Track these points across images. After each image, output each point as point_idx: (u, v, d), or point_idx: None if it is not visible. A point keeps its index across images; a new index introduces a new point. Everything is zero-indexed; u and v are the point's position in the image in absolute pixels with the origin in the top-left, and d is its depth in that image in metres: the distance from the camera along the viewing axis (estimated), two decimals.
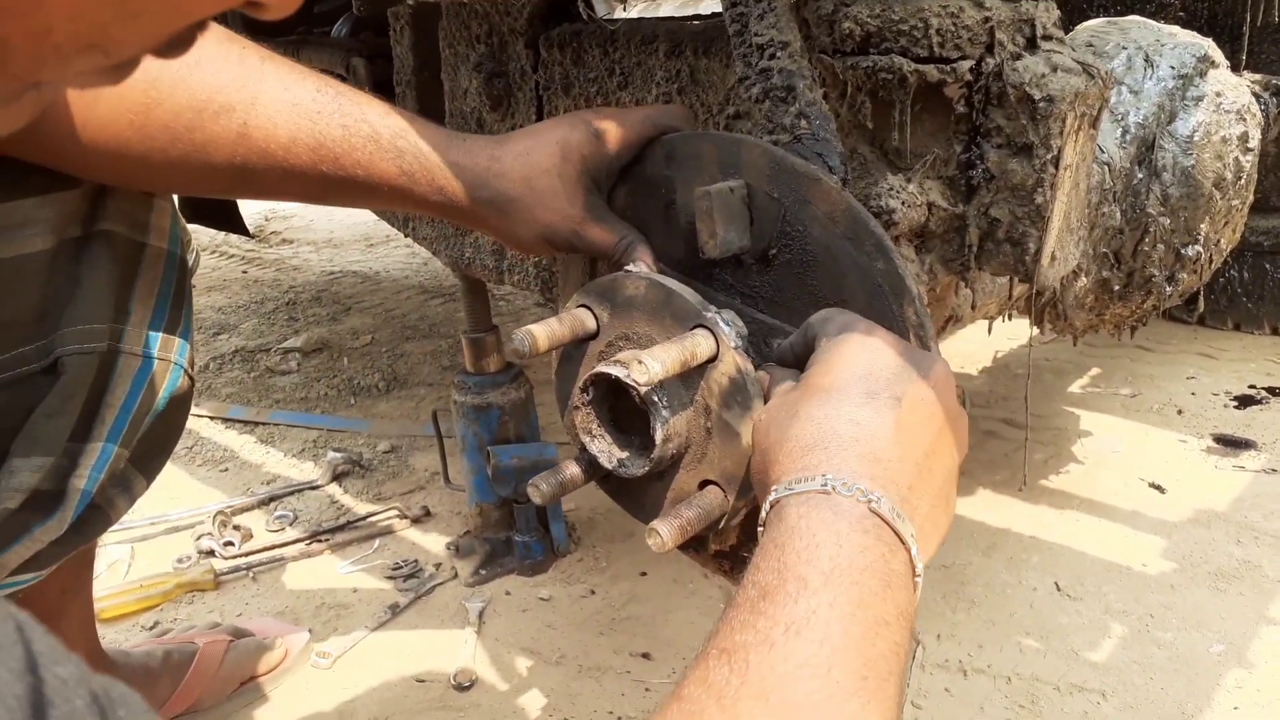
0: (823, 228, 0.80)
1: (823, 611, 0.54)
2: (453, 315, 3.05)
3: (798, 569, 0.57)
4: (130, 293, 0.83)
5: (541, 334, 0.83)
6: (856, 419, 0.64)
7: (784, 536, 0.59)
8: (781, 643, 0.53)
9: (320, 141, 0.83)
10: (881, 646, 0.55)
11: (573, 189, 0.88)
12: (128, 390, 0.83)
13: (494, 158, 0.88)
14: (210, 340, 2.98)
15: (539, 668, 1.47)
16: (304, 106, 0.82)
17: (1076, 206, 0.96)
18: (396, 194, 0.87)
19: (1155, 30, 1.47)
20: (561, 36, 1.28)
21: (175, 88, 0.78)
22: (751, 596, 0.57)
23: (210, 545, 1.81)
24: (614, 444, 0.87)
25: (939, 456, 0.66)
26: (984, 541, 1.68)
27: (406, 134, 0.86)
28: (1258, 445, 1.94)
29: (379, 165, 0.85)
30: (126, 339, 0.82)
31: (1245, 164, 1.44)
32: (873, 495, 0.60)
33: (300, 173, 0.84)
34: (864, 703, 0.52)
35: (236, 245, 4.14)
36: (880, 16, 0.88)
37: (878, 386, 0.66)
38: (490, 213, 0.88)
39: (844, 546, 0.58)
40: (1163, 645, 1.42)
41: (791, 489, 0.61)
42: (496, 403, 1.68)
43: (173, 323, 0.87)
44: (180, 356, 0.88)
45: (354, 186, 0.85)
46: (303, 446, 2.24)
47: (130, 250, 0.84)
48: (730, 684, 0.51)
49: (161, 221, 0.86)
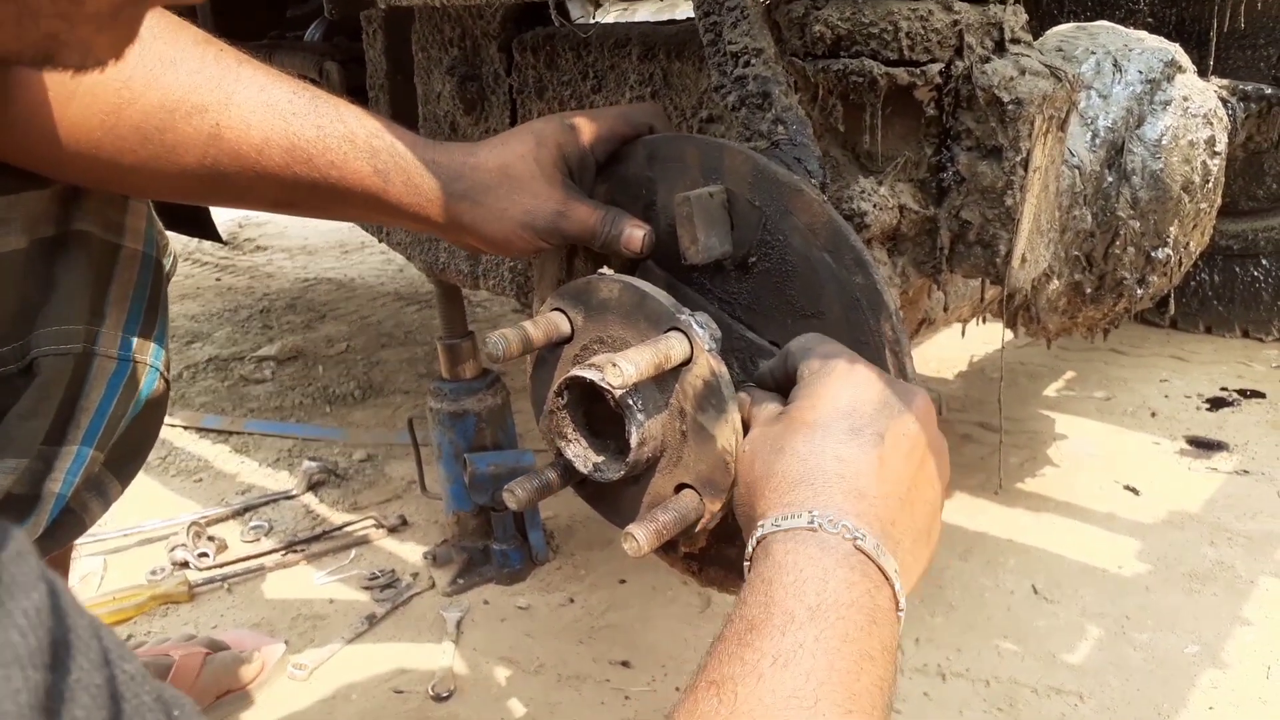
0: (803, 239, 0.80)
1: (809, 645, 0.55)
2: (429, 322, 3.04)
3: (785, 603, 0.58)
4: (105, 295, 0.82)
5: (515, 337, 0.83)
6: (841, 456, 0.65)
7: (771, 572, 0.60)
8: (769, 675, 0.54)
9: (294, 142, 0.82)
10: (866, 681, 0.56)
11: (550, 172, 0.87)
12: (103, 393, 0.82)
13: (469, 152, 0.88)
14: (184, 349, 2.95)
15: (518, 677, 1.46)
16: (279, 107, 0.81)
17: (1046, 208, 0.97)
18: (370, 197, 0.85)
19: (1124, 35, 1.48)
20: (535, 40, 1.28)
21: (148, 87, 0.77)
22: (739, 630, 0.58)
23: (184, 556, 1.79)
24: (589, 448, 0.87)
25: (921, 490, 0.67)
26: (961, 545, 1.69)
27: (382, 134, 0.85)
28: (1230, 447, 1.96)
29: (353, 164, 0.84)
30: (102, 341, 0.81)
31: (1213, 167, 1.45)
32: (858, 532, 0.61)
33: (272, 175, 0.82)
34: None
35: (210, 252, 4.11)
36: (850, 20, 0.89)
37: (861, 423, 0.67)
38: (466, 207, 0.86)
39: (830, 582, 0.59)
40: (1139, 647, 1.43)
41: (779, 525, 0.62)
42: (473, 409, 1.67)
43: (148, 325, 0.86)
44: (156, 359, 0.87)
45: (326, 189, 0.84)
46: (278, 456, 2.22)
47: (105, 251, 0.82)
48: (719, 715, 0.52)
49: (136, 223, 0.85)
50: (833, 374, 0.70)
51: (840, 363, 0.71)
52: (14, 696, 0.28)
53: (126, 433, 0.86)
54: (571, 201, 0.87)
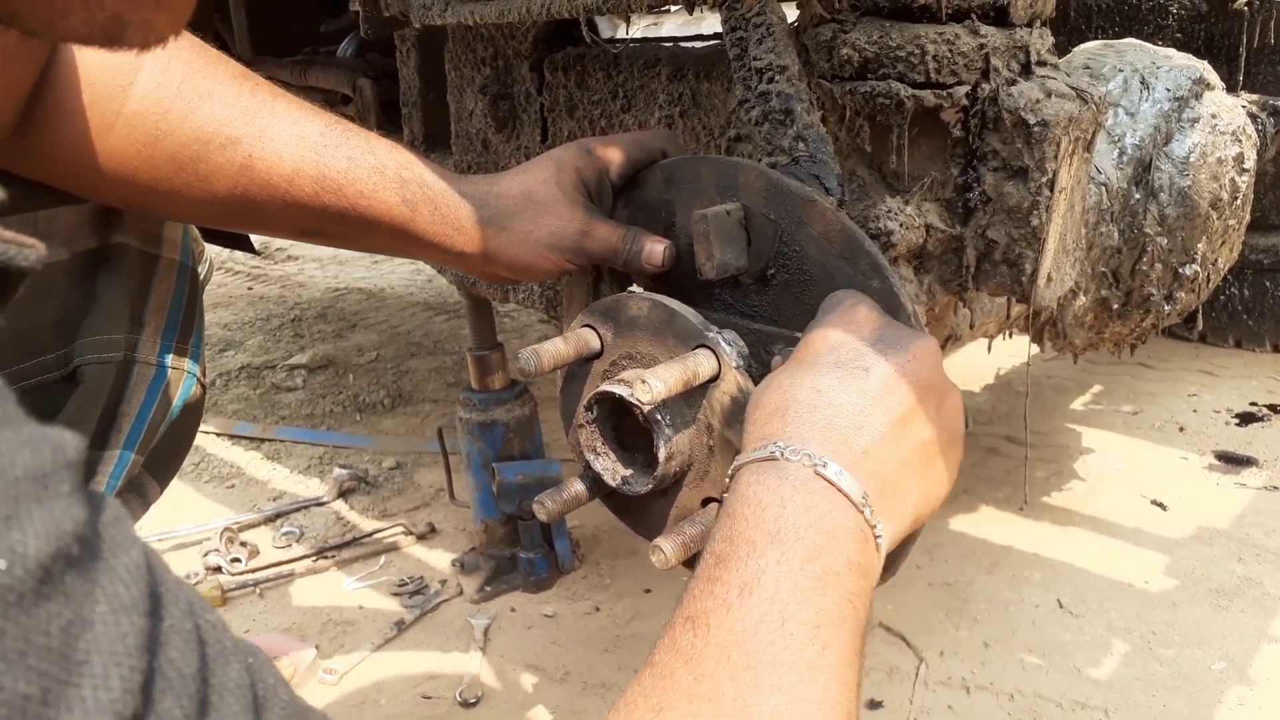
0: (819, 248, 0.81)
1: (771, 570, 0.58)
2: (457, 332, 3.07)
3: (747, 534, 0.60)
4: (145, 304, 0.85)
5: (547, 353, 0.85)
6: (818, 386, 0.66)
7: (735, 505, 0.63)
8: (737, 604, 0.57)
9: (324, 173, 0.84)
10: (832, 596, 0.58)
11: (571, 195, 0.90)
12: (143, 399, 0.85)
13: (492, 182, 0.91)
14: (216, 357, 3.00)
15: (544, 685, 1.48)
16: (311, 139, 0.84)
17: (1072, 228, 0.98)
18: (397, 227, 0.88)
19: (1151, 53, 1.49)
20: (566, 59, 1.31)
21: (184, 120, 0.80)
22: (709, 564, 0.61)
23: (217, 561, 1.82)
24: (618, 462, 0.88)
25: (910, 425, 0.67)
26: (986, 559, 1.69)
27: (411, 166, 0.88)
28: (1259, 462, 1.95)
29: (381, 194, 0.86)
30: (141, 349, 0.84)
31: (1241, 184, 1.45)
32: (818, 460, 0.62)
33: (301, 204, 0.85)
34: (820, 649, 0.55)
35: (242, 262, 4.17)
36: (878, 43, 0.90)
37: (846, 357, 0.68)
38: (492, 233, 0.89)
39: (787, 507, 0.61)
40: (1165, 662, 1.42)
41: (747, 458, 0.65)
42: (501, 419, 1.69)
43: (185, 332, 0.89)
44: (192, 365, 0.90)
45: (354, 218, 0.87)
46: (308, 463, 2.26)
47: (144, 262, 0.86)
48: (695, 646, 0.55)
49: (173, 234, 0.88)
50: (832, 312, 0.73)
51: (845, 303, 0.73)
52: (122, 639, 0.32)
53: (165, 436, 0.89)
54: (594, 222, 0.90)
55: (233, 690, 0.37)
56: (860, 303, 0.73)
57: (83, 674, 0.30)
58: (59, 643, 0.30)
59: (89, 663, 0.31)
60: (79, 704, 0.30)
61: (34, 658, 0.29)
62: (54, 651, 0.30)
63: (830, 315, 0.73)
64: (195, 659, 0.35)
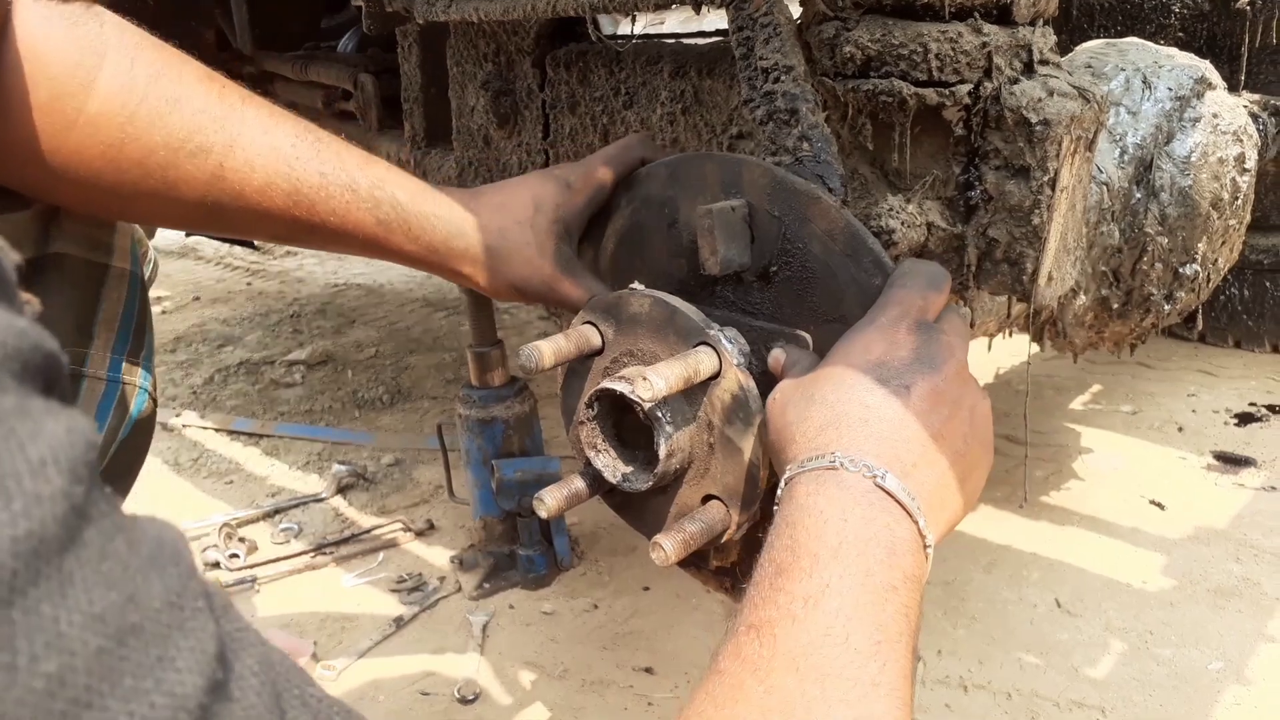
0: (822, 245, 0.81)
1: (835, 584, 0.59)
2: (456, 328, 3.07)
3: (809, 545, 0.62)
4: (94, 316, 0.82)
5: (548, 350, 0.85)
6: (867, 402, 0.68)
7: (795, 514, 0.64)
8: (803, 616, 0.58)
9: (296, 187, 0.83)
10: (890, 610, 0.60)
11: (544, 239, 0.92)
12: (93, 416, 0.82)
13: (470, 209, 0.90)
14: (215, 352, 2.99)
15: (542, 681, 1.48)
16: (282, 151, 0.83)
17: (1073, 227, 0.98)
18: (370, 242, 0.88)
19: (1153, 52, 1.48)
20: (568, 56, 1.30)
21: (152, 126, 0.77)
22: (769, 573, 0.62)
23: (215, 557, 1.82)
24: (618, 459, 0.89)
25: (946, 440, 0.70)
26: (985, 558, 1.69)
27: (384, 184, 0.87)
28: (1258, 463, 1.95)
29: (354, 214, 0.86)
30: (91, 363, 0.82)
31: (1242, 184, 1.45)
32: (878, 470, 0.64)
33: (273, 215, 0.84)
34: (882, 664, 0.57)
35: (241, 257, 4.17)
36: (881, 41, 0.90)
37: (890, 374, 0.70)
38: (464, 262, 0.91)
39: (849, 520, 0.62)
40: (1162, 662, 1.43)
41: (804, 467, 0.66)
42: (501, 416, 1.69)
43: (136, 345, 0.86)
44: (144, 380, 0.87)
45: (328, 232, 0.86)
46: (307, 459, 2.26)
47: (92, 272, 0.83)
48: (762, 656, 0.57)
49: (122, 241, 0.85)
50: (873, 325, 0.73)
51: (886, 315, 0.74)
52: None
53: (116, 454, 0.86)
54: (559, 277, 0.92)
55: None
56: (904, 317, 0.74)
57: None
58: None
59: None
60: None
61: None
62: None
63: (869, 326, 0.73)
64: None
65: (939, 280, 0.77)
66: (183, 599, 0.32)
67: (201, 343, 3.09)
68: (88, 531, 0.31)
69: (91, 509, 0.31)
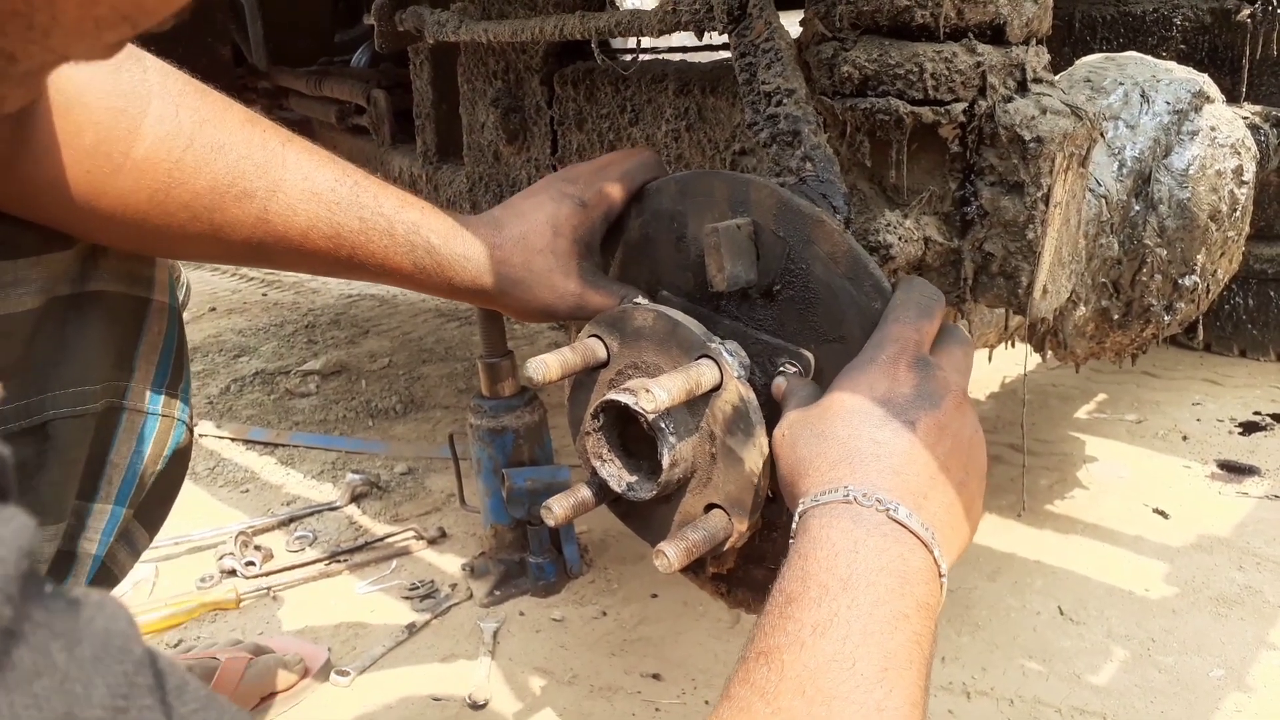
0: (825, 267, 0.84)
1: (843, 613, 0.61)
2: (468, 338, 3.10)
3: (820, 576, 0.64)
4: (135, 350, 0.85)
5: (554, 362, 0.88)
6: (877, 439, 0.71)
7: (807, 546, 0.66)
8: (810, 643, 0.60)
9: (337, 231, 0.87)
10: (900, 638, 0.62)
11: (567, 262, 0.95)
12: (133, 448, 0.85)
13: (495, 245, 0.94)
14: (231, 362, 3.03)
15: (552, 687, 1.50)
16: (324, 197, 0.86)
17: (1068, 241, 1.00)
18: (407, 280, 0.93)
19: (1152, 66, 1.51)
20: (575, 74, 1.34)
21: (198, 172, 0.79)
22: (779, 603, 0.64)
23: (232, 565, 1.85)
24: (623, 468, 0.91)
25: (952, 471, 0.72)
26: (989, 566, 1.71)
27: (419, 229, 0.91)
28: (1261, 471, 1.96)
29: (393, 259, 0.90)
30: (130, 396, 0.84)
31: (1240, 196, 1.47)
32: (890, 504, 0.67)
33: (315, 256, 0.88)
34: (888, 691, 0.59)
35: (256, 268, 4.22)
36: (877, 61, 0.93)
37: (895, 411, 0.72)
38: (496, 295, 0.95)
39: (861, 552, 0.65)
40: (1164, 669, 1.44)
41: (818, 500, 0.69)
42: (511, 426, 1.72)
43: (175, 378, 0.89)
44: (182, 413, 0.90)
45: (367, 272, 0.91)
46: (322, 468, 2.29)
47: (133, 306, 0.85)
48: (770, 680, 0.59)
49: (161, 275, 0.88)
50: (874, 363, 0.76)
51: (885, 353, 0.76)
52: None
53: (154, 486, 0.89)
54: (588, 291, 0.96)
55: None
56: (903, 353, 0.76)
57: None
58: None
59: None
60: None
61: None
62: None
63: (872, 364, 0.76)
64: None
65: (931, 308, 0.79)
66: (129, 699, 0.31)
67: (218, 353, 3.13)
68: (17, 651, 0.30)
69: (23, 625, 0.30)
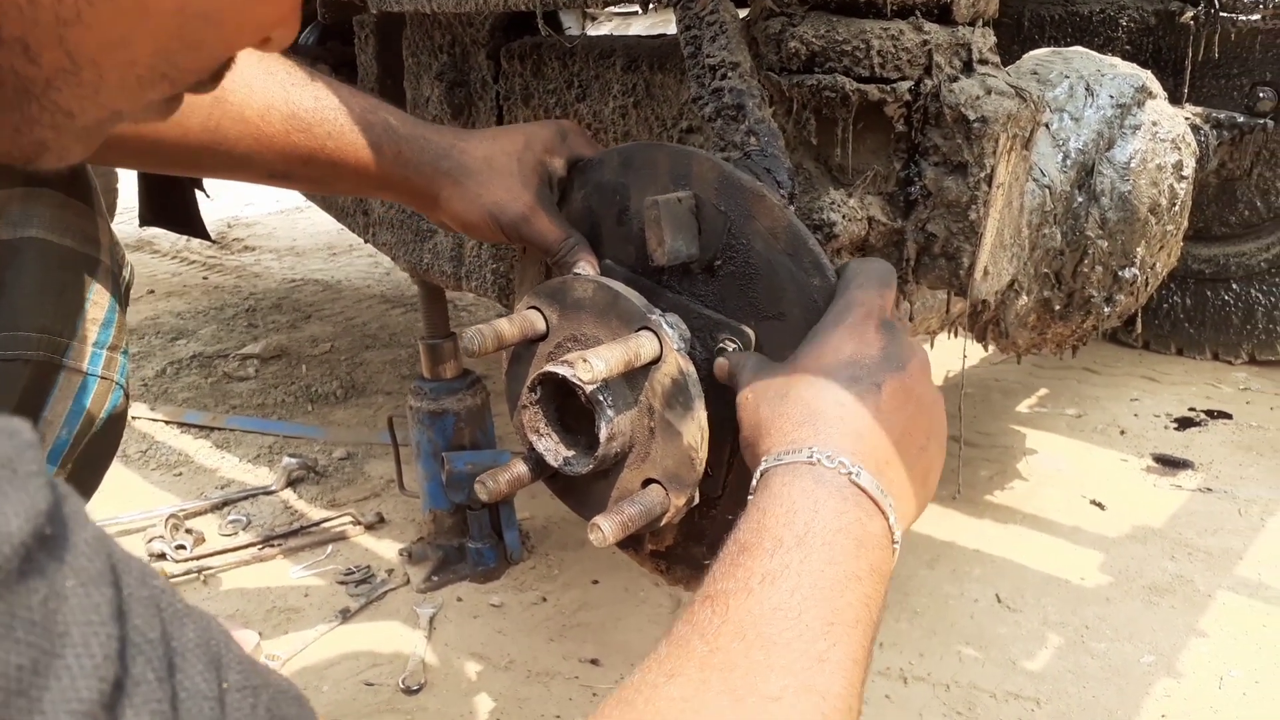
0: (765, 243, 0.83)
1: (795, 566, 0.61)
2: (414, 325, 3.06)
3: (775, 530, 0.63)
4: (81, 309, 0.82)
5: (490, 333, 0.86)
6: (841, 400, 0.70)
7: (766, 501, 0.66)
8: (758, 589, 0.60)
9: (294, 110, 0.86)
10: (850, 597, 0.61)
11: (529, 174, 0.93)
12: (68, 408, 0.82)
13: (460, 135, 0.93)
14: (168, 345, 2.96)
15: (488, 672, 1.48)
16: (278, 77, 0.86)
17: (1010, 223, 1.00)
18: (361, 168, 0.90)
19: (1097, 61, 1.52)
20: (522, 49, 1.31)
21: None
22: (732, 551, 0.64)
23: (161, 548, 1.80)
24: (561, 443, 0.89)
25: (914, 436, 0.72)
26: (929, 553, 1.72)
27: (376, 109, 0.90)
28: (1195, 465, 2.00)
29: (348, 135, 0.88)
30: (71, 355, 0.81)
31: (1180, 191, 1.49)
32: (853, 468, 0.66)
33: (272, 142, 0.86)
34: (831, 644, 0.58)
35: (198, 252, 4.12)
36: (825, 37, 0.92)
37: (861, 373, 0.72)
38: (447, 184, 0.92)
39: (820, 512, 0.64)
40: (1096, 655, 1.46)
41: (780, 459, 0.68)
42: (452, 409, 1.69)
43: (116, 341, 0.86)
44: (121, 375, 0.87)
45: (322, 160, 0.88)
46: (258, 452, 2.24)
47: (81, 264, 0.82)
48: (713, 623, 0.58)
49: (105, 238, 0.85)
50: (841, 325, 0.75)
51: (853, 314, 0.75)
52: (95, 609, 0.34)
53: (88, 448, 0.86)
54: (539, 210, 0.93)
55: (193, 650, 0.39)
56: (869, 316, 0.75)
57: (65, 644, 0.32)
58: (41, 616, 0.32)
59: (69, 634, 0.32)
60: (65, 672, 0.32)
61: (21, 631, 0.31)
62: (38, 625, 0.31)
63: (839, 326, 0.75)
64: (157, 623, 0.37)
65: (889, 279, 0.79)
66: (15, 463, 0.33)
67: (155, 335, 3.05)
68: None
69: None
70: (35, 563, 0.32)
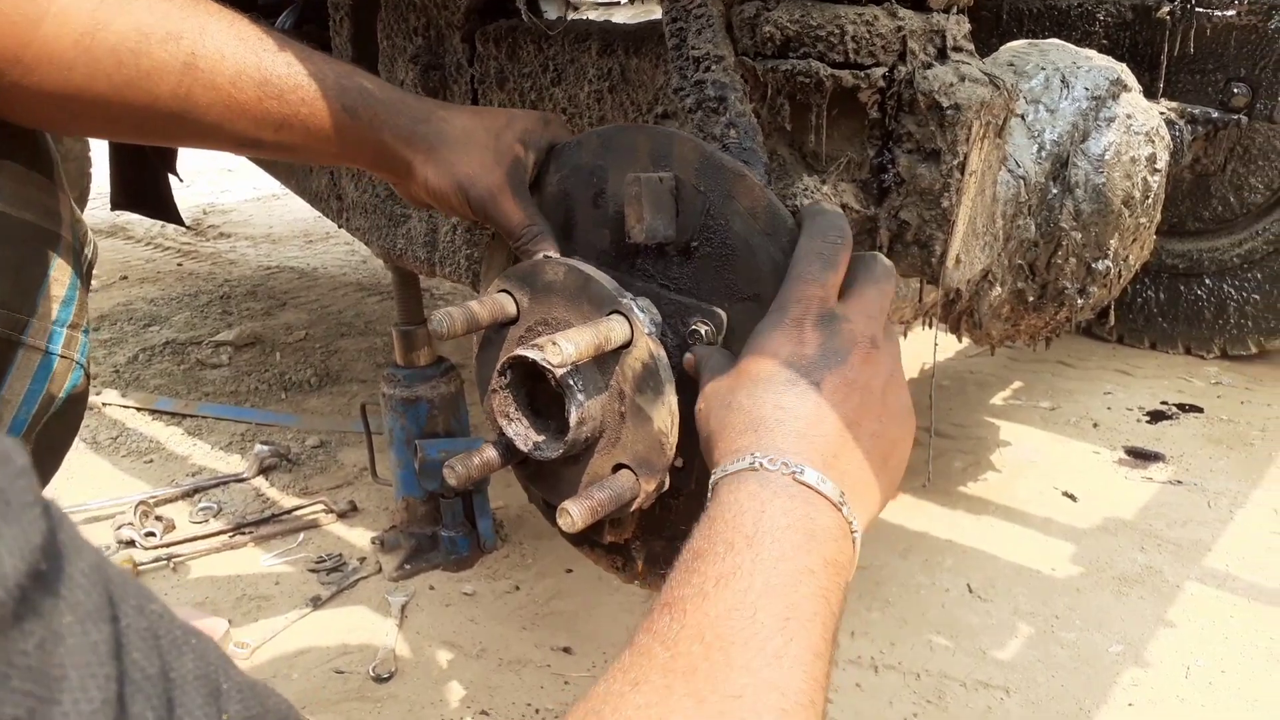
0: (743, 222, 0.82)
1: (746, 566, 0.62)
2: (389, 313, 3.04)
3: (725, 534, 0.64)
4: (41, 285, 0.81)
5: (460, 316, 0.85)
6: (780, 404, 0.70)
7: (716, 510, 0.66)
8: (713, 593, 0.60)
9: (266, 77, 0.83)
10: (805, 591, 0.62)
11: (505, 152, 0.91)
12: (27, 386, 0.81)
13: (441, 105, 0.92)
14: (140, 331, 2.93)
15: (459, 660, 1.47)
16: (251, 42, 0.83)
17: (982, 211, 1.01)
18: (335, 133, 0.88)
19: (1073, 53, 1.53)
20: (498, 32, 1.30)
21: (120, 13, 0.77)
22: (687, 559, 0.64)
23: (130, 535, 1.78)
24: (531, 427, 0.89)
25: (864, 424, 0.72)
26: (901, 543, 1.73)
27: (352, 74, 0.88)
28: (1166, 458, 2.02)
29: (322, 100, 0.86)
30: (31, 332, 0.80)
31: (1153, 184, 1.50)
32: (796, 467, 0.66)
33: (244, 108, 0.83)
34: (788, 639, 0.59)
35: (172, 238, 4.08)
36: (799, 22, 0.92)
37: (798, 374, 0.71)
38: (421, 149, 0.90)
39: (767, 512, 0.65)
40: (1065, 645, 1.47)
41: (726, 470, 0.68)
42: (425, 396, 1.68)
43: (77, 319, 0.85)
44: (81, 355, 0.86)
45: (296, 125, 0.86)
46: (230, 440, 2.22)
47: (41, 239, 0.81)
48: (672, 629, 0.59)
49: (67, 214, 0.84)
50: (778, 327, 0.74)
51: (789, 315, 0.74)
52: (93, 649, 0.32)
53: (47, 428, 0.85)
54: (507, 191, 0.91)
55: (192, 682, 0.37)
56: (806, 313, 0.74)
57: (62, 689, 0.31)
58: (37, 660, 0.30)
59: (67, 677, 0.31)
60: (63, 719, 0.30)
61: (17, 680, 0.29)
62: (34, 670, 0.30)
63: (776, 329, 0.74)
64: (155, 658, 0.36)
65: (835, 255, 0.76)
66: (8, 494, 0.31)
67: (127, 322, 3.02)
68: None
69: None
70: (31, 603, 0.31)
